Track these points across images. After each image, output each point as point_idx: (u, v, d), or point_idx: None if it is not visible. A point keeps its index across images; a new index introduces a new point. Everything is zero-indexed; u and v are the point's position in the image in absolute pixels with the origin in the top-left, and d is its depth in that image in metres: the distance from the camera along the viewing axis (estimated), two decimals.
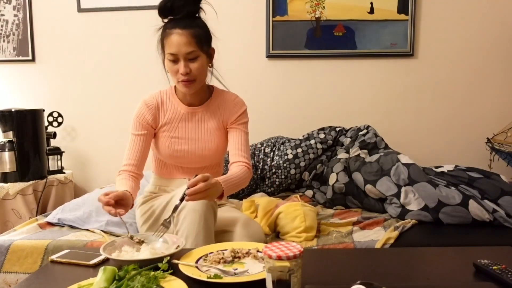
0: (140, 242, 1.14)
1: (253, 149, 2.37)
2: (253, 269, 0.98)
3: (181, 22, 1.42)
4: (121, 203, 1.24)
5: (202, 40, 1.44)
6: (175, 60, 1.43)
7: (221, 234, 1.42)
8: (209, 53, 1.51)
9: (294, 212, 1.61)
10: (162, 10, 1.45)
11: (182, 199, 1.19)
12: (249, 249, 1.09)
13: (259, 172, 2.30)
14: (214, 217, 1.35)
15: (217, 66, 1.60)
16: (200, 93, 1.55)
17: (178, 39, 1.40)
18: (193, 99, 1.56)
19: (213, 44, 1.53)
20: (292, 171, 2.24)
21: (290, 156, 2.26)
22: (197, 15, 1.48)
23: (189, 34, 1.41)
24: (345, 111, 2.64)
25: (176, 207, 1.21)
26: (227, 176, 1.36)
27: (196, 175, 1.18)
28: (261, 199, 1.87)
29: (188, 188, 1.16)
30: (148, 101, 1.56)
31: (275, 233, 1.66)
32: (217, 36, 1.54)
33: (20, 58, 2.80)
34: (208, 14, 1.55)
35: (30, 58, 2.79)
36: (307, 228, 1.58)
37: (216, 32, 1.55)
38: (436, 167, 1.96)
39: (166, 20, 1.47)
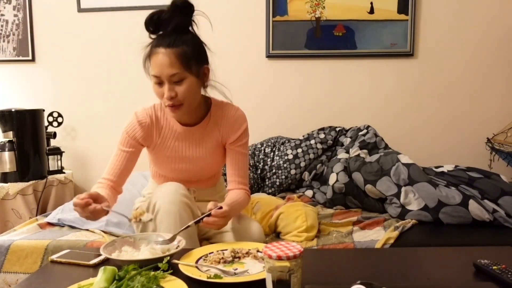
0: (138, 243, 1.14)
1: (253, 149, 2.37)
2: (253, 269, 0.98)
3: (166, 39, 1.28)
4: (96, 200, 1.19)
5: (189, 59, 1.28)
6: (160, 83, 1.30)
7: (220, 234, 1.42)
8: (200, 73, 1.34)
9: (296, 212, 1.61)
10: (148, 24, 1.31)
11: (197, 222, 1.18)
12: (249, 249, 1.09)
13: (259, 172, 2.30)
14: (192, 216, 1.32)
15: (217, 66, 1.53)
16: (195, 112, 1.42)
17: (161, 59, 1.27)
18: (189, 118, 1.43)
19: (213, 50, 1.40)
20: (293, 171, 2.24)
21: (290, 156, 2.26)
22: (189, 28, 1.35)
23: (173, 54, 1.26)
24: (345, 111, 2.64)
25: (187, 226, 1.18)
26: (232, 201, 1.33)
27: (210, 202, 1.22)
28: (262, 198, 1.87)
29: (204, 213, 1.18)
30: (141, 118, 1.42)
31: (275, 234, 1.66)
32: (213, 51, 1.39)
33: (20, 58, 2.79)
34: (205, 19, 1.48)
35: (30, 58, 2.79)
36: (309, 227, 1.58)
37: (216, 32, 1.52)
38: (436, 167, 1.96)
39: (153, 36, 1.33)
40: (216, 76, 1.59)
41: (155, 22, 1.30)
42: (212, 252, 1.09)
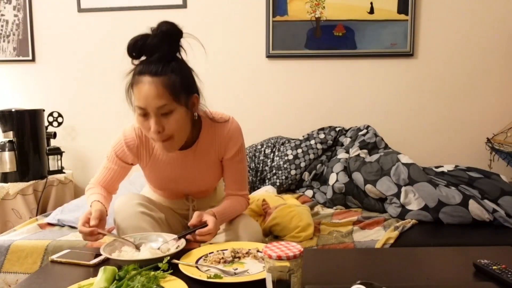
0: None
1: (253, 151, 2.37)
2: (253, 269, 0.98)
3: (153, 66, 1.13)
4: (101, 219, 1.20)
5: (178, 89, 1.15)
6: (145, 115, 1.16)
7: (218, 234, 1.41)
8: (190, 103, 1.22)
9: (289, 214, 1.60)
10: (132, 50, 1.16)
11: (182, 237, 1.16)
12: (249, 249, 1.09)
13: (259, 173, 2.30)
14: (155, 221, 1.30)
15: (217, 66, 1.53)
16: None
17: (147, 90, 1.12)
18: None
19: (213, 50, 1.36)
20: (293, 172, 2.24)
21: (291, 157, 2.26)
22: (176, 54, 1.21)
23: (160, 83, 1.12)
24: (345, 111, 2.64)
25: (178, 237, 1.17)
26: (223, 209, 1.30)
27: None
28: (268, 197, 1.84)
29: (191, 228, 1.18)
30: (129, 140, 1.31)
31: (272, 235, 1.65)
32: (202, 80, 1.27)
33: (20, 58, 2.80)
34: (204, 15, 1.46)
35: (30, 58, 2.79)
36: (305, 226, 1.57)
37: (216, 32, 1.53)
38: (436, 167, 1.96)
39: (136, 62, 1.18)
40: (216, 76, 1.59)
41: (139, 48, 1.15)
42: (212, 252, 1.09)
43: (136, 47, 1.15)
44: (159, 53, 1.15)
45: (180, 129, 1.20)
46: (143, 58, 1.18)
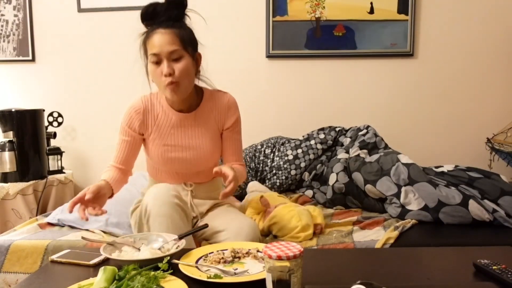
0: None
1: (253, 151, 2.37)
2: (253, 269, 0.98)
3: (164, 23, 1.36)
4: (97, 196, 1.25)
5: (186, 40, 1.37)
6: (158, 62, 1.36)
7: (216, 234, 1.41)
8: (195, 57, 1.43)
9: (289, 214, 1.60)
10: (145, 16, 1.39)
11: (182, 237, 1.17)
12: (249, 249, 1.09)
13: (259, 173, 2.30)
14: (185, 216, 1.33)
15: (217, 66, 1.57)
16: (189, 99, 1.47)
17: (160, 38, 1.34)
18: (183, 105, 1.47)
19: (213, 50, 1.49)
20: (293, 172, 2.24)
21: (291, 157, 2.26)
22: (182, 20, 1.42)
23: (173, 32, 1.35)
24: (345, 111, 2.64)
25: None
26: (231, 165, 1.41)
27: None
28: (269, 196, 1.84)
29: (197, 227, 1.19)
30: (136, 106, 1.48)
31: (272, 235, 1.65)
32: (204, 44, 1.47)
33: (20, 58, 2.80)
34: (204, 15, 1.51)
35: (30, 58, 2.79)
36: (304, 226, 1.57)
37: (216, 32, 1.55)
38: (436, 167, 1.96)
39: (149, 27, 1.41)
40: (216, 76, 1.62)
41: (151, 13, 1.37)
42: (212, 252, 1.09)
43: (148, 12, 1.37)
44: (169, 15, 1.37)
45: (186, 76, 1.37)
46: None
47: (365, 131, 2.27)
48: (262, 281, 0.84)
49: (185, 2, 1.40)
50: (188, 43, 1.38)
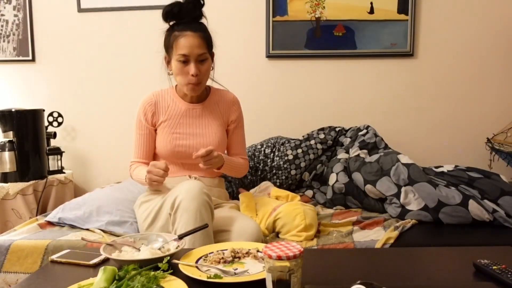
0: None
1: (253, 150, 2.37)
2: (253, 269, 0.98)
3: (191, 26, 1.49)
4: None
5: (210, 43, 1.53)
6: (185, 61, 1.48)
7: (218, 233, 1.42)
8: (213, 57, 1.59)
9: (294, 211, 1.61)
10: (168, 14, 1.50)
11: (182, 236, 1.16)
12: (249, 249, 1.09)
13: (259, 173, 2.30)
14: (211, 214, 1.34)
15: (217, 66, 1.62)
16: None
17: (191, 40, 1.46)
18: (193, 97, 1.62)
19: (214, 47, 1.58)
20: (293, 172, 2.24)
21: (291, 157, 2.26)
22: (200, 20, 1.55)
23: (201, 36, 1.48)
24: (345, 111, 2.64)
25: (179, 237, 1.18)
26: (230, 158, 1.59)
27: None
28: (260, 199, 1.87)
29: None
30: (148, 99, 1.62)
31: (274, 233, 1.66)
32: (216, 41, 1.59)
33: (20, 58, 2.79)
34: (208, 16, 1.56)
35: (30, 58, 2.79)
36: (308, 226, 1.58)
37: (216, 32, 1.57)
38: (436, 167, 1.96)
39: (171, 24, 1.53)
40: (216, 75, 1.65)
41: (176, 13, 1.49)
42: (212, 252, 1.09)
43: (173, 12, 1.49)
44: (193, 16, 1.50)
45: (207, 76, 1.55)
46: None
47: (365, 131, 2.27)
48: (262, 281, 0.84)
49: (203, 3, 1.53)
50: (211, 46, 1.54)
